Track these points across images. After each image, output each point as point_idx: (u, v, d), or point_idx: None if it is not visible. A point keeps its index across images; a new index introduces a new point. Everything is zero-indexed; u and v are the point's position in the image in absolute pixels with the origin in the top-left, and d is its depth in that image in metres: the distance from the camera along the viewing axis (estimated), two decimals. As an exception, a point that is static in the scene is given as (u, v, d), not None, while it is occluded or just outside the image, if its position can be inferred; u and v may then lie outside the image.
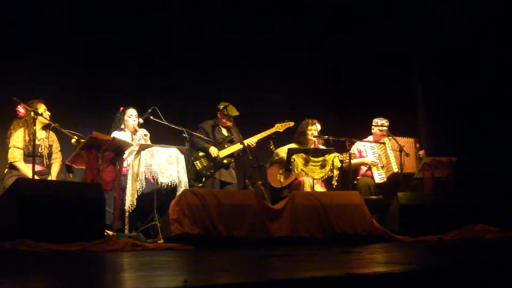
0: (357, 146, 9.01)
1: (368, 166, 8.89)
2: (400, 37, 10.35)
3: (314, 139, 8.67)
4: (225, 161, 8.35)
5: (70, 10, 8.89)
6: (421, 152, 8.91)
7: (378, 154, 8.87)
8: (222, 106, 8.42)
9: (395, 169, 8.63)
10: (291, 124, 8.67)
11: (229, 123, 8.51)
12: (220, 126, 8.62)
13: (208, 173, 8.27)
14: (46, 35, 8.71)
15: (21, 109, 7.29)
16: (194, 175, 8.19)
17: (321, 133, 8.71)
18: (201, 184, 8.19)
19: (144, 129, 7.90)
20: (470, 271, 3.85)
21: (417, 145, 8.90)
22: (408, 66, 10.71)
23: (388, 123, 8.91)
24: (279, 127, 8.60)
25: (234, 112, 8.44)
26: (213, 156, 8.25)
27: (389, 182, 8.68)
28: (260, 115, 9.78)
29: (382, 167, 8.81)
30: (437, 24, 9.80)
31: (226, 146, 8.40)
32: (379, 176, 8.77)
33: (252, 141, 8.34)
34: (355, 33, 10.69)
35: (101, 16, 9.20)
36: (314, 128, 8.68)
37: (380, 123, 8.93)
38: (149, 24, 9.54)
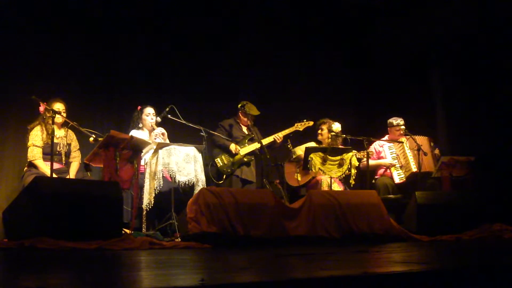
0: (375, 146, 8.99)
1: (386, 167, 8.86)
2: (419, 36, 10.30)
3: (323, 138, 8.68)
4: (245, 159, 8.36)
5: (89, 10, 8.92)
6: (436, 151, 8.87)
7: (396, 154, 8.84)
8: (243, 105, 8.43)
9: (414, 168, 8.59)
10: (311, 123, 8.67)
11: (249, 122, 8.52)
12: (241, 125, 8.64)
13: (229, 170, 8.30)
14: (65, 34, 8.76)
15: (41, 108, 7.33)
16: (215, 172, 8.22)
17: (340, 132, 8.68)
18: (221, 182, 8.21)
19: (161, 128, 7.91)
20: (488, 271, 3.83)
21: (431, 144, 8.86)
22: (427, 65, 10.65)
23: (403, 122, 8.87)
24: (299, 126, 8.61)
25: (254, 111, 8.46)
26: (233, 152, 8.27)
27: (408, 182, 8.65)
28: (278, 114, 9.76)
29: (401, 167, 8.78)
30: (456, 24, 9.74)
31: (246, 144, 8.42)
32: (398, 177, 8.74)
33: (279, 135, 8.38)
34: (375, 33, 10.67)
35: (119, 16, 9.22)
36: (322, 128, 8.70)
37: (395, 123, 8.90)
38: (168, 24, 9.56)
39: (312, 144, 8.62)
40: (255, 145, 8.36)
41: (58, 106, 7.40)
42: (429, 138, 8.89)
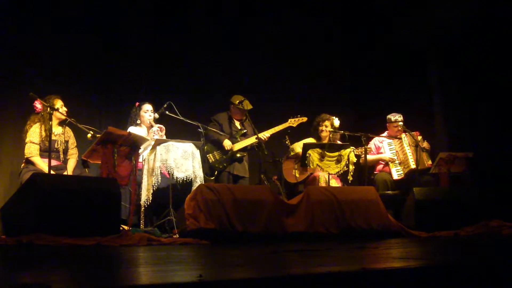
0: (375, 142, 8.99)
1: (385, 162, 8.85)
2: (416, 33, 10.30)
3: (326, 135, 8.64)
4: (238, 154, 8.33)
5: (88, 7, 8.92)
6: (425, 144, 8.82)
7: (395, 150, 8.84)
8: (237, 101, 8.40)
9: (413, 165, 8.58)
10: (304, 119, 8.60)
11: (242, 117, 8.50)
12: (234, 119, 8.61)
13: (221, 167, 8.26)
14: (64, 31, 8.75)
15: (38, 105, 7.32)
16: (207, 168, 8.18)
17: (338, 128, 8.67)
18: (213, 178, 8.18)
19: (159, 124, 7.90)
20: (486, 267, 3.83)
21: (419, 138, 8.81)
22: (425, 61, 10.65)
23: (402, 118, 8.86)
24: (292, 122, 8.53)
25: (247, 105, 8.40)
26: (226, 149, 8.24)
27: (406, 178, 8.65)
28: (275, 110, 9.76)
29: (400, 163, 8.78)
30: (455, 19, 9.74)
31: (239, 139, 8.38)
32: (396, 173, 8.74)
33: (265, 135, 8.30)
34: (373, 29, 10.66)
35: (117, 13, 9.22)
36: (326, 124, 8.64)
37: (393, 119, 8.89)
38: (164, 19, 9.56)
39: (310, 140, 8.60)
40: (249, 141, 8.33)
41: (57, 103, 7.39)
42: (417, 132, 8.85)
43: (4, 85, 8.33)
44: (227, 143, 8.25)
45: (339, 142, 8.68)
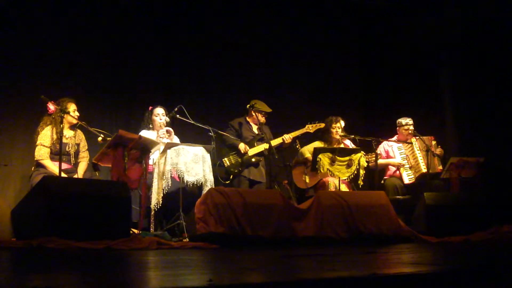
0: (384, 146, 8.96)
1: (395, 167, 8.83)
2: (428, 36, 10.28)
3: (338, 137, 8.60)
4: (253, 159, 8.32)
5: (97, 9, 8.95)
6: (439, 150, 8.80)
7: (405, 154, 8.81)
8: (252, 105, 8.39)
9: (424, 169, 8.56)
10: (322, 125, 8.58)
11: (261, 120, 8.45)
12: (251, 124, 8.59)
13: (237, 171, 8.26)
14: (74, 34, 8.78)
15: (51, 106, 7.32)
16: (223, 172, 8.18)
17: (348, 132, 8.65)
18: (228, 182, 8.17)
19: (166, 127, 7.89)
20: (497, 272, 3.81)
21: (434, 143, 8.79)
22: (436, 65, 10.62)
23: (412, 122, 8.84)
24: (310, 128, 8.53)
25: (266, 108, 8.43)
26: (242, 152, 8.23)
27: (417, 183, 8.62)
28: (286, 115, 9.76)
29: (411, 167, 8.75)
30: (466, 23, 9.72)
31: (256, 144, 8.38)
32: (407, 177, 8.71)
33: (289, 136, 8.32)
34: (385, 33, 10.66)
35: (128, 15, 9.25)
36: (338, 126, 8.60)
37: (404, 123, 8.87)
38: (176, 22, 9.58)
39: (318, 144, 8.56)
40: (264, 146, 8.31)
41: (70, 106, 7.40)
42: (431, 137, 8.83)
43: (16, 88, 8.36)
44: (242, 146, 8.25)
45: (348, 143, 8.67)
